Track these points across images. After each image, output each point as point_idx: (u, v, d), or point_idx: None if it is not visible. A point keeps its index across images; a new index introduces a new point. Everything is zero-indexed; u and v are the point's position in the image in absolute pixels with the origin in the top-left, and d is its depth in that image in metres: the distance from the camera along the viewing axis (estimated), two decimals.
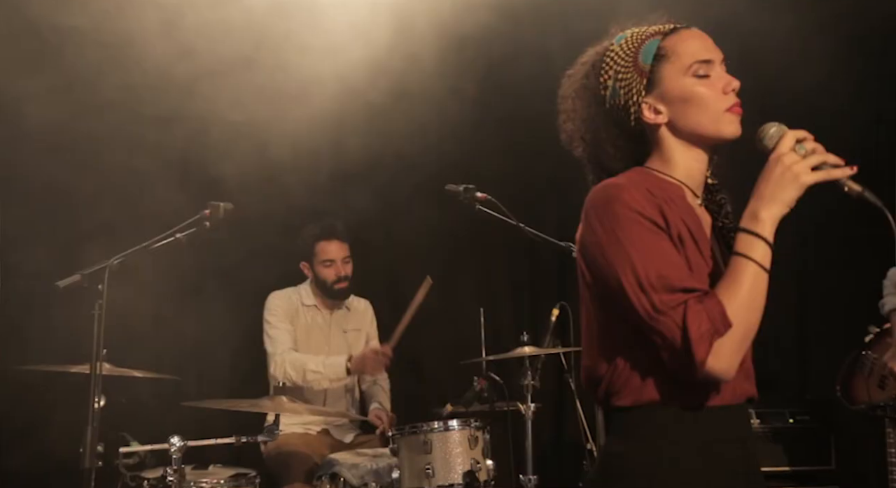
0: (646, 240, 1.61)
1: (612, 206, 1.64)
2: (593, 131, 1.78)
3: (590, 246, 1.67)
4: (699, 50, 1.72)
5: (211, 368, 4.49)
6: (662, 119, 1.73)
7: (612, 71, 1.75)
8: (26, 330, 4.24)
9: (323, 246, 4.31)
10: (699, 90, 1.70)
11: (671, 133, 1.74)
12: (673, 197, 1.69)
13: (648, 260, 1.59)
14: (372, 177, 4.76)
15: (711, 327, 1.55)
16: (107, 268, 3.06)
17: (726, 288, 1.59)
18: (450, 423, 3.45)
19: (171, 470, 3.04)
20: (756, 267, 1.59)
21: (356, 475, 3.51)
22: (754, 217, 1.61)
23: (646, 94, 1.73)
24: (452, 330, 5.00)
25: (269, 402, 3.38)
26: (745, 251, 1.60)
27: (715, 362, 1.55)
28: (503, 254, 5.13)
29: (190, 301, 4.48)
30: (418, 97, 4.42)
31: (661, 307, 1.57)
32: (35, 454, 4.21)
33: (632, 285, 1.59)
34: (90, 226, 4.19)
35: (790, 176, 1.60)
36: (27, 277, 4.22)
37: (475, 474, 3.35)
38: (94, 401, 2.94)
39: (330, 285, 4.31)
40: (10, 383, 4.15)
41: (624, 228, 1.62)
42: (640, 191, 1.65)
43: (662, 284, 1.58)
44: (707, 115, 1.70)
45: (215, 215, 3.35)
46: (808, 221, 4.47)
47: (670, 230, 1.64)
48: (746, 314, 1.57)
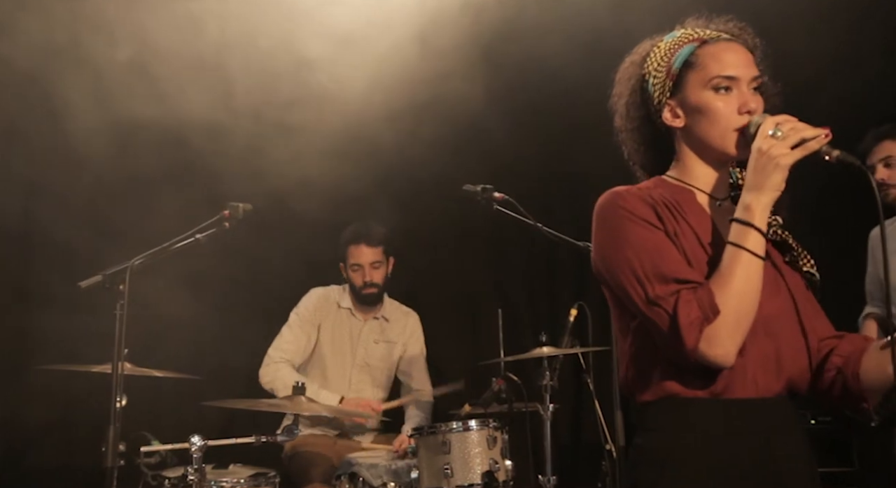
0: (640, 236, 1.70)
1: (609, 211, 1.75)
2: (629, 117, 1.87)
3: (595, 249, 1.77)
4: (727, 66, 1.76)
5: (231, 368, 4.51)
6: (679, 123, 1.81)
7: (652, 66, 1.83)
8: (49, 330, 4.27)
9: (352, 250, 4.31)
10: (714, 104, 1.75)
11: (685, 139, 1.82)
12: (680, 200, 1.77)
13: (644, 254, 1.68)
14: (389, 178, 4.77)
15: (701, 314, 1.61)
16: (128, 268, 3.08)
17: (719, 277, 1.65)
18: (469, 423, 3.45)
19: (191, 470, 3.05)
20: (748, 255, 1.64)
21: (375, 475, 3.52)
22: (745, 207, 1.68)
23: (670, 96, 1.80)
24: (470, 330, 5.01)
25: (288, 402, 3.40)
26: (738, 240, 1.66)
27: (707, 348, 1.61)
28: (521, 254, 5.12)
29: (210, 300, 4.51)
30: (435, 97, 4.43)
31: (655, 297, 1.65)
32: (58, 453, 4.27)
33: (629, 279, 1.68)
34: (112, 226, 4.22)
35: (769, 161, 1.65)
36: (49, 278, 4.26)
37: (494, 474, 3.34)
38: (116, 401, 2.95)
39: (358, 290, 4.32)
40: (34, 383, 4.20)
41: (620, 228, 1.71)
42: (634, 195, 1.75)
43: (656, 276, 1.66)
44: (716, 130, 1.75)
45: (234, 216, 3.36)
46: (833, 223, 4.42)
47: (665, 227, 1.71)
48: (739, 301, 1.62)
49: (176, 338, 4.25)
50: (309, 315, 4.30)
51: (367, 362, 4.33)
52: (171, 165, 4.26)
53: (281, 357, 4.20)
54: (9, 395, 4.32)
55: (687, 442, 1.67)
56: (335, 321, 4.34)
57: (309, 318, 4.29)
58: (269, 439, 3.28)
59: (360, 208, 4.61)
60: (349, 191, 4.69)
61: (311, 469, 3.89)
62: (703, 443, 1.66)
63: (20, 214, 4.32)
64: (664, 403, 1.69)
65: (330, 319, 4.33)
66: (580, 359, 3.91)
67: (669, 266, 1.66)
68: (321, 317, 4.31)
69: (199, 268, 4.16)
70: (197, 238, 3.32)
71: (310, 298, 4.34)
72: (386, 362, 4.37)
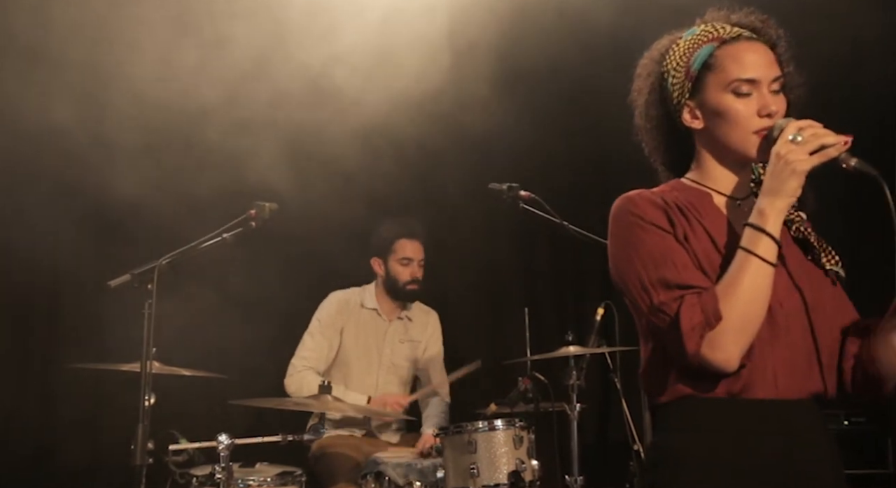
0: (647, 243, 1.70)
1: (620, 217, 1.77)
2: (648, 116, 1.86)
3: (609, 256, 1.79)
4: (747, 68, 1.74)
5: (258, 367, 4.54)
6: (698, 125, 1.79)
7: (670, 65, 1.81)
8: (79, 329, 4.34)
9: (403, 243, 4.28)
10: (734, 107, 1.73)
11: (704, 141, 1.81)
12: (696, 202, 1.77)
13: (649, 261, 1.69)
14: (415, 177, 4.79)
15: (703, 320, 1.61)
16: (156, 267, 3.12)
17: (726, 282, 1.65)
18: (495, 423, 3.45)
19: (219, 468, 3.09)
20: (758, 261, 1.64)
21: (401, 474, 3.53)
22: (759, 212, 1.67)
23: (689, 98, 1.79)
24: (497, 329, 5.01)
25: (314, 401, 3.42)
26: (749, 245, 1.65)
27: (710, 353, 1.61)
28: (547, 253, 5.12)
29: (238, 299, 4.54)
30: (461, 94, 4.43)
31: (659, 304, 1.66)
32: (87, 451, 4.31)
33: (636, 286, 1.70)
34: (140, 226, 4.27)
35: (786, 166, 1.64)
36: (80, 277, 4.32)
37: (520, 474, 3.35)
38: (145, 400, 2.99)
39: (402, 285, 4.28)
40: (64, 381, 4.27)
41: (630, 236, 1.73)
42: (646, 199, 1.76)
43: (661, 283, 1.67)
44: (736, 134, 1.74)
45: (261, 215, 3.39)
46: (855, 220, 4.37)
47: (675, 231, 1.71)
48: (745, 306, 1.62)
49: (204, 337, 4.28)
50: (330, 320, 4.28)
51: (394, 362, 4.33)
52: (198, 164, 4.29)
53: (304, 365, 4.20)
54: (38, 394, 4.38)
55: (704, 442, 1.67)
56: (359, 323, 4.32)
57: (330, 323, 4.28)
58: (295, 438, 3.30)
59: (387, 209, 4.62)
60: (374, 192, 4.70)
61: (338, 468, 3.90)
62: (720, 444, 1.66)
63: (50, 213, 4.37)
64: (681, 404, 1.69)
65: (353, 322, 4.31)
66: (607, 359, 3.90)
67: (674, 272, 1.67)
68: (343, 321, 4.29)
69: (226, 266, 4.19)
70: (224, 237, 3.36)
71: (330, 303, 4.33)
72: (411, 361, 4.38)
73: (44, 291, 4.45)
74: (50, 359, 4.39)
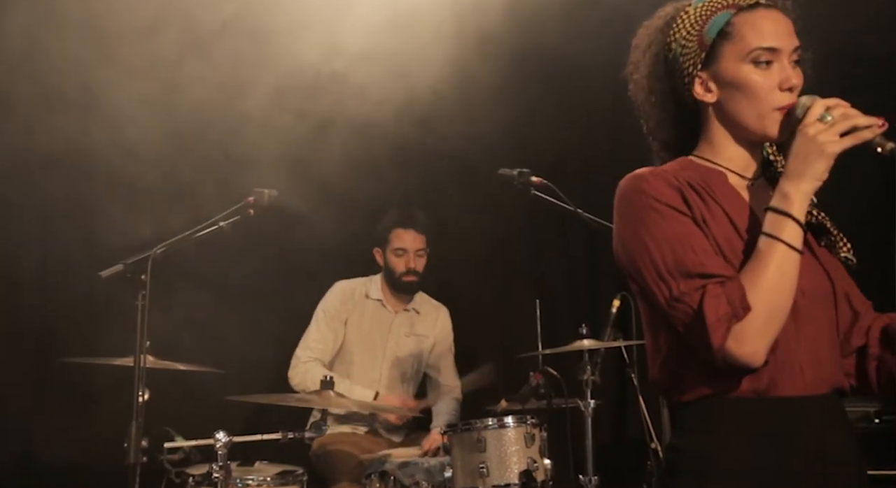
0: (663, 227, 1.66)
1: (630, 197, 1.70)
2: (651, 89, 1.82)
3: (616, 240, 1.73)
4: (767, 35, 1.70)
5: (257, 361, 4.56)
6: (711, 98, 1.75)
7: (679, 34, 1.77)
8: (68, 322, 4.36)
9: (398, 233, 4.33)
10: (753, 79, 1.70)
11: (717, 116, 1.77)
12: (710, 182, 1.73)
13: (666, 247, 1.64)
14: (421, 165, 4.79)
15: (730, 311, 1.58)
16: (150, 257, 3.14)
17: (751, 270, 1.61)
18: (505, 420, 3.46)
19: (216, 467, 3.10)
20: (784, 247, 1.61)
21: (407, 474, 3.55)
22: (783, 195, 1.64)
23: (702, 68, 1.75)
24: (507, 322, 5.02)
25: (316, 397, 3.43)
26: (773, 231, 1.62)
27: (736, 346, 1.58)
28: (560, 241, 5.12)
29: (236, 290, 4.56)
30: (470, 79, 4.43)
31: (678, 294, 1.62)
32: (78, 449, 4.33)
33: (651, 274, 1.65)
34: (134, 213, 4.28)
35: (815, 147, 1.61)
36: (69, 268, 4.34)
37: (532, 474, 3.36)
38: (138, 395, 3.01)
39: (398, 277, 4.32)
40: (53, 376, 4.29)
41: (641, 218, 1.68)
42: (659, 178, 1.70)
43: (680, 271, 1.63)
44: (754, 109, 1.71)
45: (259, 202, 3.41)
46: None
47: (693, 212, 1.67)
48: (771, 296, 1.59)
49: (200, 330, 4.30)
50: (335, 310, 4.32)
51: (398, 356, 4.36)
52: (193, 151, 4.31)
53: (309, 356, 4.24)
54: (26, 390, 4.41)
55: (730, 445, 1.64)
56: (363, 314, 4.36)
57: (335, 314, 4.32)
58: (296, 435, 3.31)
59: (393, 197, 4.63)
60: (380, 180, 4.71)
61: (340, 467, 3.93)
62: (747, 448, 1.63)
63: (38, 203, 4.39)
64: (703, 404, 1.66)
65: (357, 312, 4.35)
66: (623, 353, 3.90)
67: (694, 258, 1.62)
68: (348, 312, 4.33)
69: (223, 256, 4.21)
70: (220, 226, 3.37)
71: (334, 293, 4.37)
72: (416, 357, 4.40)
73: (32, 283, 4.47)
74: (39, 354, 4.41)
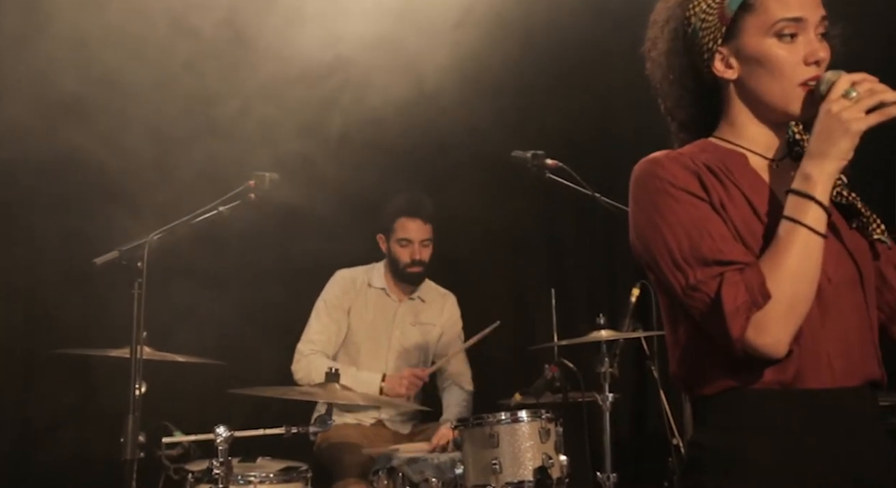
0: (679, 212, 1.66)
1: (645, 183, 1.71)
2: (669, 66, 1.81)
3: (631, 227, 1.74)
4: (792, 6, 1.69)
5: (259, 352, 4.56)
6: (732, 75, 1.75)
7: (699, 8, 1.76)
8: (61, 311, 4.35)
9: (403, 222, 4.31)
10: (777, 53, 1.69)
11: (738, 94, 1.76)
12: (730, 164, 1.72)
13: (682, 233, 1.64)
14: (430, 147, 4.77)
15: (749, 299, 1.57)
16: (146, 243, 3.12)
17: (771, 256, 1.61)
18: (519, 415, 3.45)
19: (216, 463, 3.09)
20: (807, 232, 1.60)
21: (416, 470, 3.55)
22: (805, 177, 1.63)
23: (722, 43, 1.74)
24: (520, 312, 5.00)
25: (321, 390, 3.42)
26: (795, 215, 1.61)
27: (756, 336, 1.57)
28: (576, 227, 5.10)
29: (236, 278, 4.55)
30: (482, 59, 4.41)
31: (695, 282, 1.62)
32: (72, 444, 4.34)
33: (666, 262, 1.66)
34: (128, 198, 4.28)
35: (838, 125, 1.60)
36: (62, 254, 4.33)
37: (547, 470, 3.35)
38: (135, 388, 3.00)
39: (402, 267, 4.31)
40: (45, 368, 4.29)
41: (656, 203, 1.68)
42: (675, 161, 1.70)
43: (696, 258, 1.63)
44: (778, 85, 1.70)
45: (260, 186, 3.39)
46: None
47: (711, 197, 1.67)
48: (793, 283, 1.58)
49: (199, 320, 4.30)
50: (336, 300, 4.32)
51: (404, 346, 4.35)
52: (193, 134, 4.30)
53: (312, 349, 4.23)
54: (19, 382, 4.41)
55: (754, 441, 1.63)
56: (366, 303, 4.35)
57: (337, 304, 4.31)
58: (300, 430, 3.30)
59: (398, 181, 4.61)
60: (388, 164, 4.69)
61: (346, 463, 3.93)
62: (774, 442, 1.62)
63: (28, 186, 4.39)
64: (726, 397, 1.66)
65: (360, 302, 4.34)
66: (643, 344, 3.89)
67: (711, 245, 1.62)
68: (350, 301, 4.32)
69: (223, 242, 4.20)
70: (220, 210, 3.36)
71: (335, 282, 4.36)
72: (422, 347, 4.39)
73: (22, 270, 4.47)
74: (30, 345, 4.41)
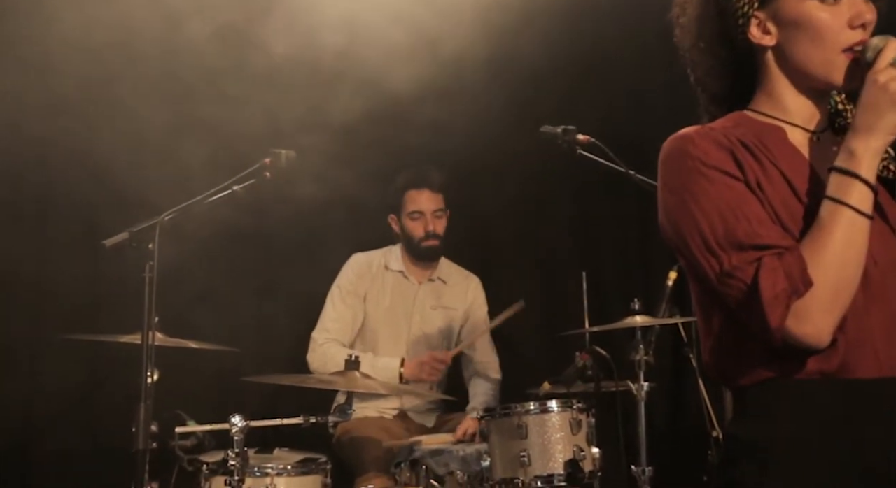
0: (712, 193, 1.63)
1: (675, 162, 1.69)
2: (699, 33, 1.78)
3: (661, 209, 1.71)
4: None
5: (275, 339, 4.58)
6: (769, 41, 1.72)
7: None
8: (70, 294, 4.38)
9: (412, 195, 4.32)
10: (819, 16, 1.66)
11: (777, 61, 1.73)
12: (766, 140, 1.69)
13: (716, 216, 1.62)
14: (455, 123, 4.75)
15: (789, 286, 1.55)
16: (157, 224, 3.13)
17: (813, 239, 1.58)
18: (548, 404, 3.45)
19: (232, 454, 3.11)
20: (851, 213, 1.57)
21: (440, 462, 3.55)
22: (849, 153, 1.60)
23: (759, 7, 1.71)
24: (550, 297, 4.99)
25: (340, 378, 3.43)
26: (838, 194, 1.59)
27: (797, 326, 1.55)
28: (609, 207, 5.07)
29: (252, 262, 4.56)
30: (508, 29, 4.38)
31: (730, 268, 1.59)
32: (82, 434, 4.39)
33: (699, 247, 1.63)
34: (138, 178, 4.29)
35: (886, 97, 1.57)
36: (70, 236, 4.36)
37: (578, 463, 3.35)
38: (147, 375, 3.02)
39: (417, 242, 4.31)
40: (54, 355, 4.32)
41: (687, 184, 1.65)
42: (707, 138, 1.67)
43: (731, 242, 1.60)
44: (819, 52, 1.67)
45: (277, 164, 3.39)
46: None
47: (746, 176, 1.64)
48: (838, 268, 1.56)
49: (213, 305, 4.32)
50: (351, 286, 4.32)
51: (425, 331, 4.35)
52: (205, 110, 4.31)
53: (327, 338, 4.24)
54: (25, 370, 4.45)
55: (796, 433, 1.61)
56: (383, 287, 4.35)
57: (351, 289, 4.31)
58: (319, 420, 3.32)
59: (420, 157, 4.60)
60: (408, 142, 4.68)
61: (367, 455, 3.95)
62: (815, 435, 1.61)
63: (36, 165, 4.41)
64: (766, 387, 1.64)
65: (377, 286, 4.34)
66: (680, 330, 3.88)
67: (748, 228, 1.60)
68: (366, 286, 4.33)
69: (237, 224, 4.21)
70: (234, 190, 3.36)
71: (350, 267, 4.36)
72: (445, 332, 4.39)
73: (28, 253, 4.50)
74: (38, 331, 4.45)
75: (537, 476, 3.34)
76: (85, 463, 4.30)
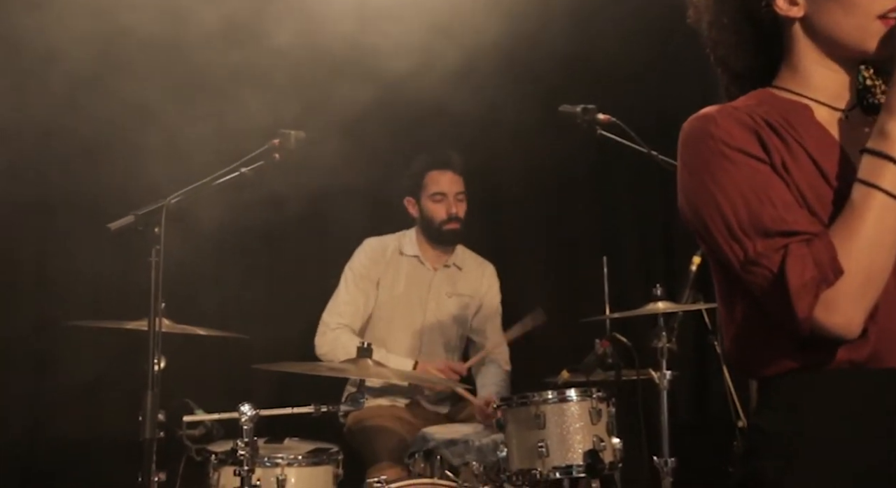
0: (735, 176, 1.60)
1: (697, 144, 1.65)
2: (720, 9, 1.75)
3: (680, 191, 1.68)
4: None
5: (285, 326, 4.59)
6: (797, 13, 1.68)
7: None
8: (74, 280, 4.40)
9: (434, 176, 4.31)
10: None
11: (805, 33, 1.70)
12: (793, 119, 1.66)
13: (739, 200, 1.59)
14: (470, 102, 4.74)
15: (818, 274, 1.52)
16: (164, 207, 3.14)
17: (843, 225, 1.55)
18: (567, 393, 3.44)
19: (241, 443, 3.11)
20: (884, 197, 1.54)
21: (456, 453, 3.56)
22: (882, 134, 1.56)
23: None
24: (569, 282, 4.99)
25: (352, 366, 3.43)
26: (870, 178, 1.55)
27: (826, 316, 1.52)
28: (631, 189, 5.06)
29: (261, 247, 4.57)
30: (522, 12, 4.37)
31: (755, 255, 1.57)
32: (88, 423, 4.41)
33: (722, 233, 1.60)
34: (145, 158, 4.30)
35: None
36: (74, 219, 4.37)
37: (598, 454, 3.34)
38: (154, 363, 3.03)
39: (438, 225, 4.30)
40: (58, 342, 4.35)
41: (709, 167, 1.62)
42: (730, 118, 1.64)
43: (756, 228, 1.57)
44: (852, 20, 1.63)
45: (286, 146, 3.39)
46: None
47: (772, 157, 1.61)
48: (869, 255, 1.53)
49: (221, 291, 4.33)
50: (365, 270, 4.32)
51: (440, 320, 4.35)
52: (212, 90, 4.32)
53: (338, 322, 4.24)
54: (28, 358, 4.48)
55: (823, 425, 1.60)
56: (397, 273, 4.35)
57: (365, 274, 4.31)
58: (330, 409, 3.32)
59: (435, 140, 4.60)
60: (423, 125, 4.67)
61: (379, 445, 3.95)
62: (843, 426, 1.59)
63: (37, 148, 4.42)
64: (791, 378, 1.62)
65: (391, 272, 4.34)
66: (704, 317, 3.87)
67: (773, 213, 1.57)
68: (380, 271, 4.32)
69: (246, 207, 4.21)
70: (242, 172, 3.36)
71: (363, 251, 4.36)
72: (459, 320, 4.39)
73: (31, 237, 4.52)
74: (41, 317, 4.47)
75: (555, 467, 3.34)
76: (91, 453, 4.32)
